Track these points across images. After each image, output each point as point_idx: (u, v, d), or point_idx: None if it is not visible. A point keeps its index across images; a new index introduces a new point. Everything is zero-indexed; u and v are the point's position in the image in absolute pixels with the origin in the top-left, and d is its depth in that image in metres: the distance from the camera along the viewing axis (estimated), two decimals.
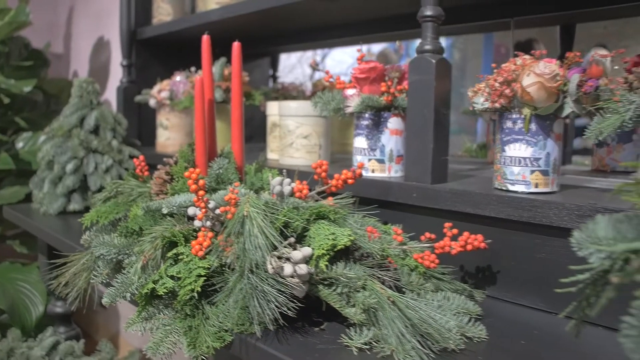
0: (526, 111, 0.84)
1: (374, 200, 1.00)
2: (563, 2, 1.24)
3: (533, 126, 0.84)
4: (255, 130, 2.11)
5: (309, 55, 2.35)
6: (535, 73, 0.81)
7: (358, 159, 1.07)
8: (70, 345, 1.60)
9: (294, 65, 2.99)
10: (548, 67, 0.81)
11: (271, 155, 1.43)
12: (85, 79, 1.64)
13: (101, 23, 2.67)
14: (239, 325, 0.71)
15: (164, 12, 1.85)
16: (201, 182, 0.80)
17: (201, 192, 0.79)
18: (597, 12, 1.34)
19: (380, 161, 1.04)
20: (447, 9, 0.96)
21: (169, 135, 1.74)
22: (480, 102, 0.87)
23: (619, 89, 0.79)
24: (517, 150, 0.86)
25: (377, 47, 2.20)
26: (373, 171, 1.05)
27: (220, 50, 2.08)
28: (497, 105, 0.85)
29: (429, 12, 0.93)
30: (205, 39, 1.03)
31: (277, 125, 1.38)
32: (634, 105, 0.72)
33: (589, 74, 0.85)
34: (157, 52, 2.00)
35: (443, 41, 1.96)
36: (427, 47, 0.93)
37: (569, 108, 0.84)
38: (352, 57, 3.76)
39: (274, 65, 2.34)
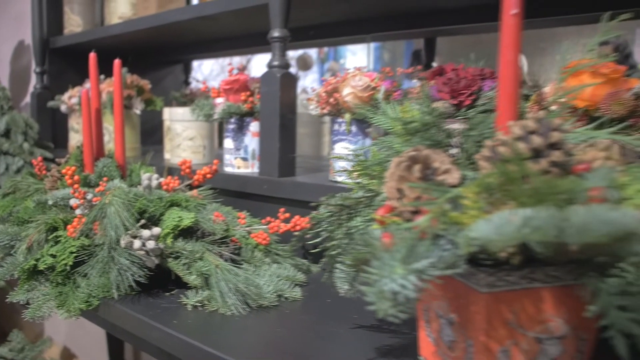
0: (346, 116, 1.04)
1: (237, 192, 1.18)
2: (413, 21, 1.45)
3: (353, 128, 1.04)
4: None
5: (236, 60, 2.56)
6: (351, 85, 1.01)
7: (227, 157, 1.25)
8: None
9: (221, 69, 3.18)
10: (362, 80, 1.01)
11: (166, 155, 1.60)
12: None
13: (21, 27, 2.75)
14: (104, 292, 0.88)
15: (74, 23, 1.98)
16: (76, 177, 0.97)
17: (76, 186, 0.96)
18: (449, 29, 1.56)
19: (245, 159, 1.23)
20: (313, 26, 1.15)
21: (80, 138, 1.88)
22: (313, 108, 1.07)
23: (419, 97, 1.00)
24: (343, 148, 1.06)
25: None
26: (239, 168, 1.24)
27: (133, 58, 2.23)
28: (325, 111, 1.05)
29: (276, 34, 1.12)
30: (92, 56, 1.20)
31: (169, 128, 1.55)
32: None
33: None
34: (70, 60, 2.12)
35: (372, 44, 2.18)
36: (275, 63, 1.12)
37: None
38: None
39: (187, 71, 2.50)
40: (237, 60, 2.91)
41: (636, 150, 0.55)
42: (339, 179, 1.07)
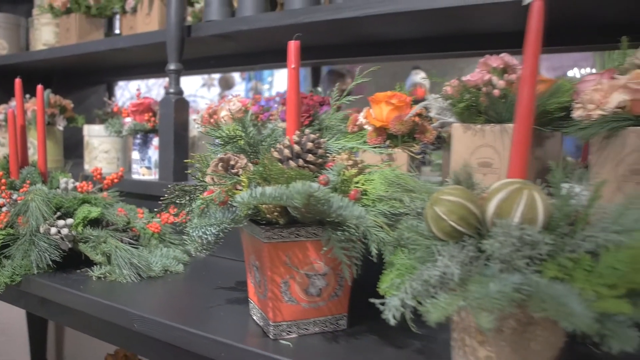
0: None
1: (142, 194, 1.45)
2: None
3: None
4: None
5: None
6: (227, 108, 1.30)
7: (134, 167, 1.52)
8: None
9: (147, 89, 3.42)
10: (236, 104, 1.30)
11: (86, 166, 1.84)
12: None
13: None
14: (26, 270, 1.13)
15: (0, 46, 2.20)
16: (3, 180, 1.22)
17: (2, 187, 1.21)
18: (329, 61, 1.87)
19: (149, 168, 1.50)
20: (212, 57, 1.44)
21: (6, 151, 2.09)
22: (197, 127, 1.35)
23: (276, 119, 1.29)
24: None
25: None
26: (144, 175, 1.50)
27: (58, 79, 2.46)
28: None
29: (172, 67, 1.40)
30: (17, 82, 1.44)
31: (88, 143, 1.80)
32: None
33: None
34: None
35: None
36: (171, 90, 1.40)
37: None
38: (199, 82, 4.17)
39: (110, 91, 2.74)
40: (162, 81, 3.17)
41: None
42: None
